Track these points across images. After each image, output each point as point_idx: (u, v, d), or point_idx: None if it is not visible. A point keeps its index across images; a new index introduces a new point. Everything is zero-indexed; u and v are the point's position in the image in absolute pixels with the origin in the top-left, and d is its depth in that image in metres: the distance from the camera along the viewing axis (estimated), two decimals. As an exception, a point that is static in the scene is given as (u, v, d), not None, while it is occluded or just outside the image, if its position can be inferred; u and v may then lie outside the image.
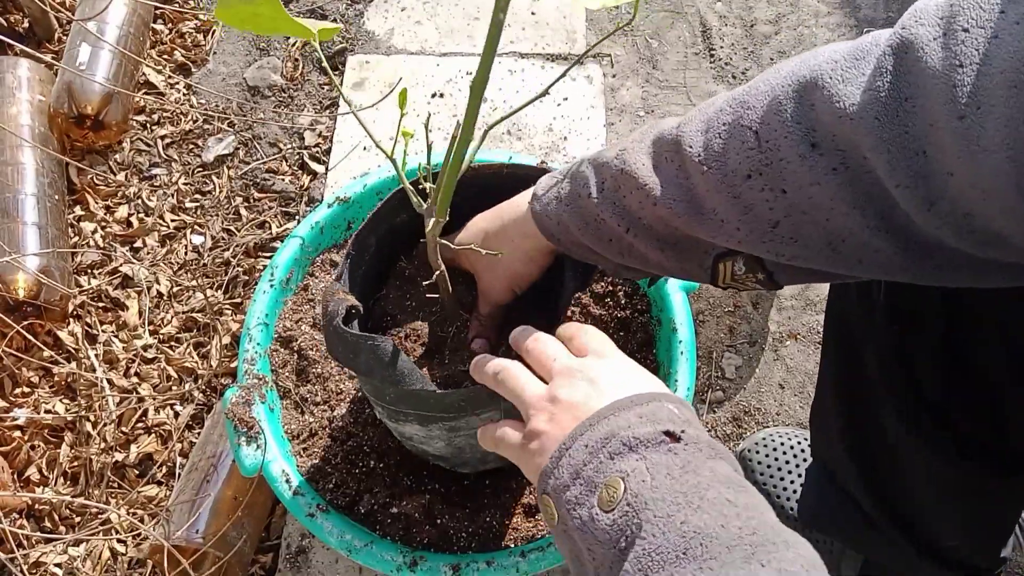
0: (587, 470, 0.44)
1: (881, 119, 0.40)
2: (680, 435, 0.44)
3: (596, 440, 0.45)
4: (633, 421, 0.45)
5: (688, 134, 0.49)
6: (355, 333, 0.55)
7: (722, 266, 0.51)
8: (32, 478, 0.99)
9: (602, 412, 0.46)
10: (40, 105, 1.17)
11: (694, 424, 0.47)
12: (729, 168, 0.46)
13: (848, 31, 1.37)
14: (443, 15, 1.39)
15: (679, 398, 0.49)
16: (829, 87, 0.42)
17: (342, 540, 0.70)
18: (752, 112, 0.46)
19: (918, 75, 0.39)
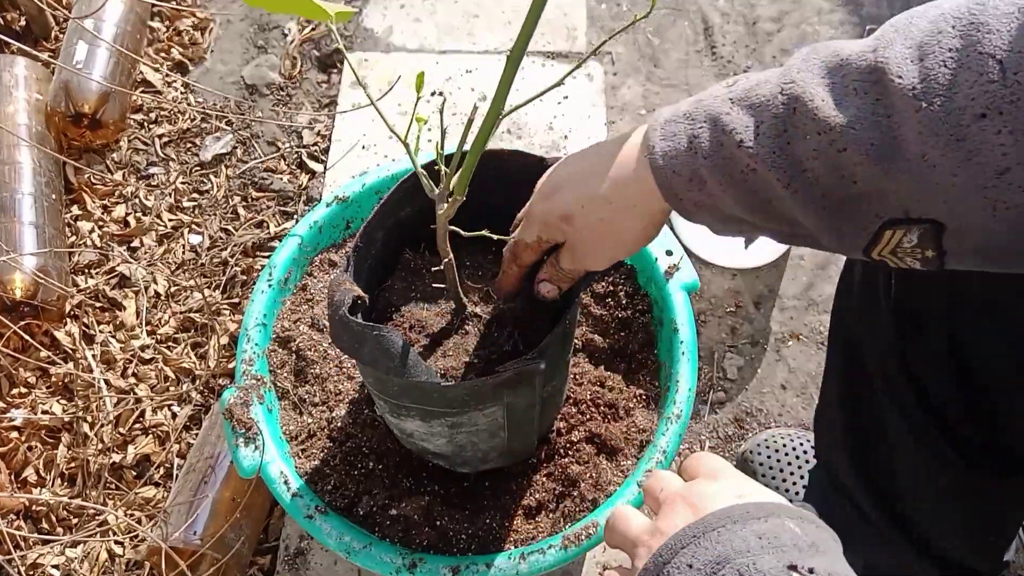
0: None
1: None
2: (811, 570, 0.36)
3: (705, 562, 0.37)
4: (752, 543, 0.37)
5: (894, 60, 0.39)
6: (361, 323, 0.54)
7: (888, 234, 0.42)
8: (29, 479, 0.99)
9: (710, 521, 0.38)
10: (37, 104, 1.17)
11: (822, 547, 0.38)
12: (956, 104, 0.38)
13: (851, 28, 1.37)
14: (442, 13, 1.38)
15: (799, 510, 0.40)
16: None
17: (341, 542, 0.69)
18: (994, 37, 0.37)
19: None
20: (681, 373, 0.76)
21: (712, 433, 1.02)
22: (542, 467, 0.75)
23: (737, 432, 1.03)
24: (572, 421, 0.77)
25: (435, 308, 0.67)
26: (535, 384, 0.60)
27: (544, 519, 0.72)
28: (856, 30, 1.36)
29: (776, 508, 0.39)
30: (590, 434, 0.76)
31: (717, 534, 0.37)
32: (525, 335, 0.64)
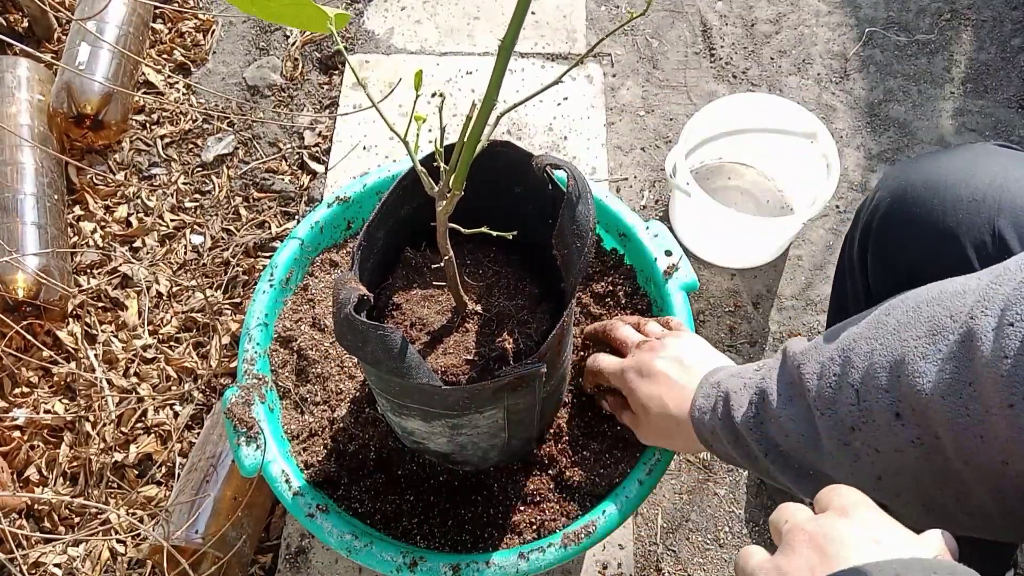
0: None
1: (947, 399, 0.42)
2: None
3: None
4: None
5: (807, 376, 0.51)
6: (365, 322, 0.54)
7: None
8: (31, 478, 0.99)
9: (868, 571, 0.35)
10: (39, 104, 1.17)
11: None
12: (838, 417, 0.48)
13: (849, 30, 1.37)
14: (443, 15, 1.38)
15: (948, 566, 0.35)
16: (910, 362, 0.45)
17: (342, 540, 0.69)
18: (855, 372, 0.48)
19: (976, 363, 0.42)
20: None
21: (711, 433, 1.03)
22: (542, 465, 0.76)
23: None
24: (572, 419, 0.77)
25: (436, 306, 0.67)
26: (535, 386, 0.61)
27: (544, 517, 0.73)
28: (854, 32, 1.37)
29: (916, 565, 0.35)
30: (591, 432, 0.77)
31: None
32: (525, 333, 0.65)
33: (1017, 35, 1.36)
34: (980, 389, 0.42)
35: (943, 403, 0.43)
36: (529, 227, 0.64)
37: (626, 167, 1.24)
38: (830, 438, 0.49)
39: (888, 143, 1.26)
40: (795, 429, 0.51)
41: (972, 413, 0.42)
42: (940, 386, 0.43)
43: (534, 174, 0.63)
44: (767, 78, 1.33)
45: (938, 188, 0.59)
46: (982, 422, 0.42)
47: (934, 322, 0.45)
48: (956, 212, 0.57)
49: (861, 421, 0.47)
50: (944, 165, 0.61)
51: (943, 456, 0.44)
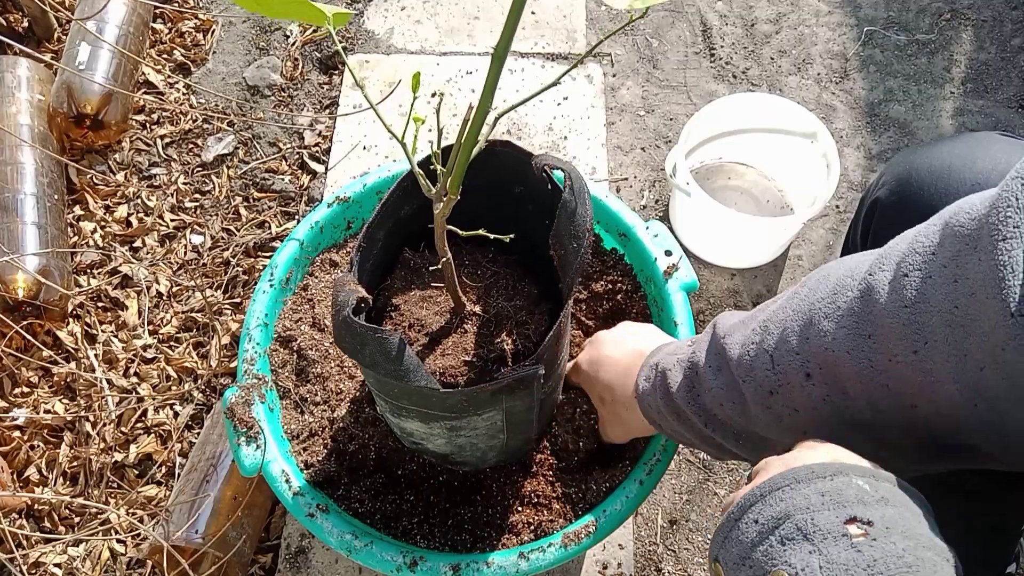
0: (756, 554, 0.39)
1: (852, 353, 0.45)
2: (868, 523, 0.37)
3: (768, 518, 0.40)
4: (813, 500, 0.39)
5: (730, 346, 0.53)
6: (364, 324, 0.54)
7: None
8: (32, 478, 0.99)
9: (776, 480, 0.41)
10: (39, 104, 1.17)
11: (893, 500, 0.40)
12: (757, 383, 0.51)
13: (849, 30, 1.37)
14: (443, 15, 1.38)
15: (875, 471, 0.42)
16: (816, 322, 0.47)
17: (342, 540, 0.69)
18: (770, 338, 0.51)
19: (877, 315, 0.44)
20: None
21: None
22: (541, 465, 0.76)
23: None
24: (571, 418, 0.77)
25: (434, 307, 0.67)
26: (533, 388, 0.61)
27: (544, 517, 0.73)
28: (854, 32, 1.37)
29: (847, 468, 0.41)
30: (590, 432, 0.76)
31: (782, 492, 0.40)
32: (523, 334, 0.65)
33: (1017, 35, 1.36)
34: (881, 340, 0.44)
35: (848, 358, 0.45)
36: (528, 227, 0.64)
37: (626, 167, 1.24)
38: (755, 403, 0.51)
39: (888, 143, 1.26)
40: (726, 397, 0.54)
41: (875, 364, 0.44)
42: (843, 342, 0.45)
43: (534, 174, 0.63)
44: (767, 78, 1.33)
45: (941, 173, 0.60)
46: (886, 371, 0.44)
47: (838, 283, 0.47)
48: (959, 196, 0.57)
49: (777, 384, 0.50)
50: (948, 151, 0.61)
51: (854, 408, 0.47)
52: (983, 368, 0.40)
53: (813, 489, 0.40)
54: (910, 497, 0.41)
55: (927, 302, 0.42)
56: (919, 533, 0.38)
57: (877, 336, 0.44)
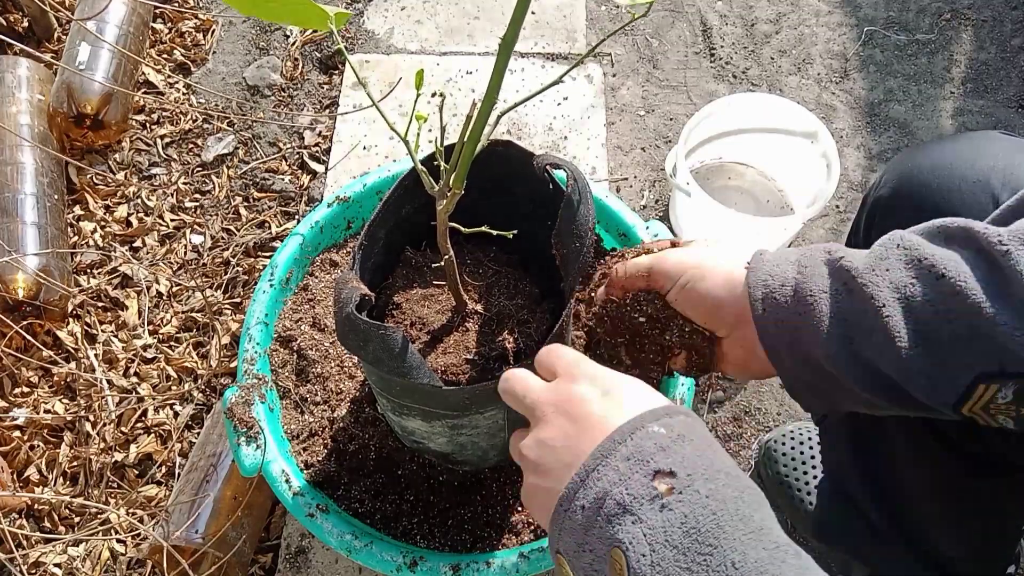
0: (590, 537, 0.40)
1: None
2: (671, 473, 0.39)
3: (591, 500, 0.41)
4: (622, 469, 0.40)
5: (975, 222, 0.46)
6: (367, 321, 0.54)
7: (982, 388, 0.43)
8: (32, 478, 0.99)
9: (588, 463, 0.42)
10: (40, 104, 1.17)
11: (689, 435, 0.41)
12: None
13: (849, 30, 1.37)
14: (443, 14, 1.38)
15: (664, 407, 0.43)
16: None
17: (342, 540, 0.69)
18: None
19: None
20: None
21: (711, 432, 1.03)
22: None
23: (735, 431, 1.03)
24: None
25: (436, 305, 0.67)
26: None
27: (544, 517, 0.73)
28: (854, 32, 1.37)
29: (639, 420, 0.42)
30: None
31: (596, 472, 0.41)
32: (525, 332, 0.65)
33: (1017, 35, 1.36)
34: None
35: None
36: (529, 227, 0.64)
37: (626, 167, 1.24)
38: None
39: (888, 143, 1.26)
40: (959, 270, 0.44)
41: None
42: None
43: (535, 174, 0.63)
44: (767, 78, 1.33)
45: (943, 172, 0.60)
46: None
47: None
48: (960, 193, 0.58)
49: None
50: (949, 150, 0.61)
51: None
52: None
53: (619, 457, 0.41)
54: (700, 423, 0.43)
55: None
56: (717, 467, 0.40)
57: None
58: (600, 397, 0.45)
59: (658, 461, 0.40)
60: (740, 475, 0.41)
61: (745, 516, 0.38)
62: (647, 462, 0.40)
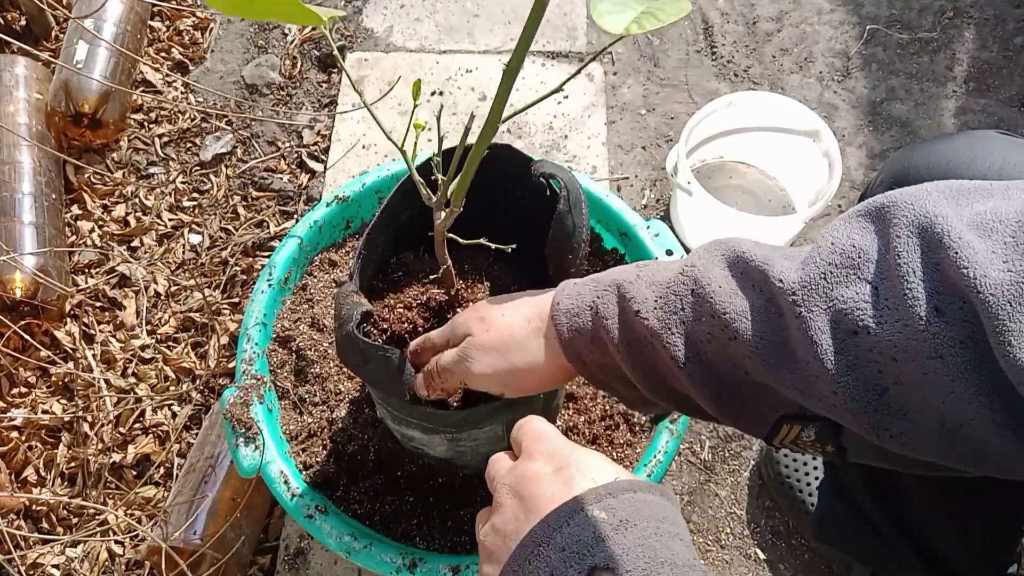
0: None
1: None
2: (609, 569, 0.35)
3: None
4: (555, 563, 0.36)
5: (777, 265, 0.40)
6: (367, 341, 0.54)
7: (786, 427, 0.42)
8: (29, 479, 0.99)
9: (520, 553, 0.38)
10: (37, 103, 1.17)
11: (633, 519, 0.37)
12: (833, 318, 0.38)
13: (851, 28, 1.37)
14: (442, 12, 1.38)
15: (608, 484, 0.39)
16: (956, 247, 0.35)
17: (341, 541, 0.69)
18: (870, 266, 0.38)
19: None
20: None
21: (712, 433, 1.02)
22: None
23: (736, 431, 1.02)
24: (573, 420, 0.77)
25: (433, 314, 0.67)
26: (533, 401, 0.60)
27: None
28: (856, 30, 1.36)
29: (578, 502, 0.38)
30: (590, 435, 0.76)
31: (530, 564, 0.37)
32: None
33: (1020, 33, 1.35)
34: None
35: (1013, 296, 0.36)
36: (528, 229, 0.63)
37: (627, 166, 1.23)
38: (814, 343, 0.39)
39: (890, 142, 1.25)
40: (750, 330, 0.41)
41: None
42: (1007, 283, 0.35)
43: (533, 178, 0.63)
44: (769, 76, 1.32)
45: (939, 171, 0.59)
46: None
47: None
48: None
49: (874, 321, 0.38)
50: (946, 149, 0.61)
51: (1007, 359, 0.37)
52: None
53: (554, 548, 0.37)
54: (654, 499, 0.39)
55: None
56: (662, 561, 0.36)
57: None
58: (552, 475, 0.41)
59: (595, 555, 0.36)
60: (687, 564, 0.37)
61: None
62: (583, 556, 0.36)
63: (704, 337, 0.42)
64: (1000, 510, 0.67)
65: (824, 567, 0.93)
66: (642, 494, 0.39)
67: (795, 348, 0.39)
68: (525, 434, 0.46)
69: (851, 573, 0.88)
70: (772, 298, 0.40)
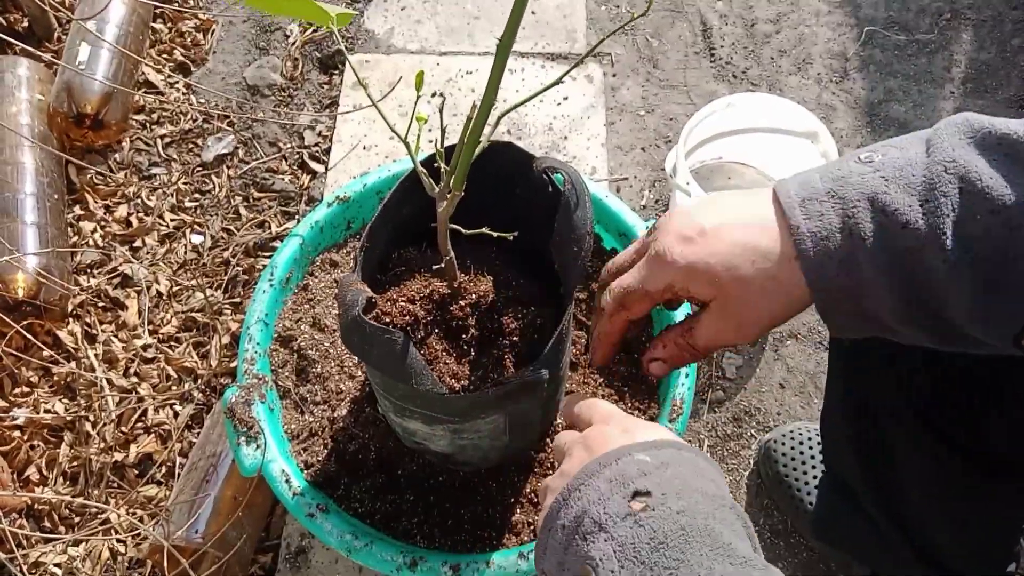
0: (568, 558, 0.40)
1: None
2: (648, 493, 0.40)
3: (571, 520, 0.41)
4: (603, 490, 0.41)
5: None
6: (373, 325, 0.54)
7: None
8: (32, 478, 0.99)
9: (573, 483, 0.42)
10: (40, 104, 1.17)
11: (673, 461, 0.41)
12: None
13: (849, 30, 1.37)
14: (443, 14, 1.38)
15: (655, 440, 0.44)
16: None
17: (342, 540, 0.69)
18: None
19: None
20: (680, 371, 0.77)
21: (711, 432, 1.03)
22: (542, 464, 0.76)
23: (735, 431, 1.03)
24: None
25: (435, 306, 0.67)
26: (537, 392, 0.61)
27: (544, 517, 0.73)
28: (854, 32, 1.37)
29: (627, 448, 0.43)
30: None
31: (579, 492, 0.42)
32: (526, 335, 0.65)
33: (1017, 35, 1.36)
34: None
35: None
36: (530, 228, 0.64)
37: (626, 167, 1.24)
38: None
39: (888, 143, 1.26)
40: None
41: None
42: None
43: (535, 175, 0.63)
44: (767, 78, 1.33)
45: None
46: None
47: None
48: None
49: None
50: None
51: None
52: None
53: (602, 479, 0.41)
54: (695, 456, 0.44)
55: None
56: (694, 487, 0.40)
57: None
58: (619, 434, 0.46)
59: (637, 483, 0.40)
60: (719, 496, 0.40)
61: (714, 532, 0.38)
62: (627, 484, 0.40)
63: (979, 234, 0.40)
64: (997, 507, 0.67)
65: (823, 566, 0.93)
66: (685, 452, 0.43)
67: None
68: (595, 412, 0.51)
69: (851, 572, 0.89)
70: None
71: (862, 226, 0.42)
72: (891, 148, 0.44)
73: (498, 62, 0.45)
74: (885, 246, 0.42)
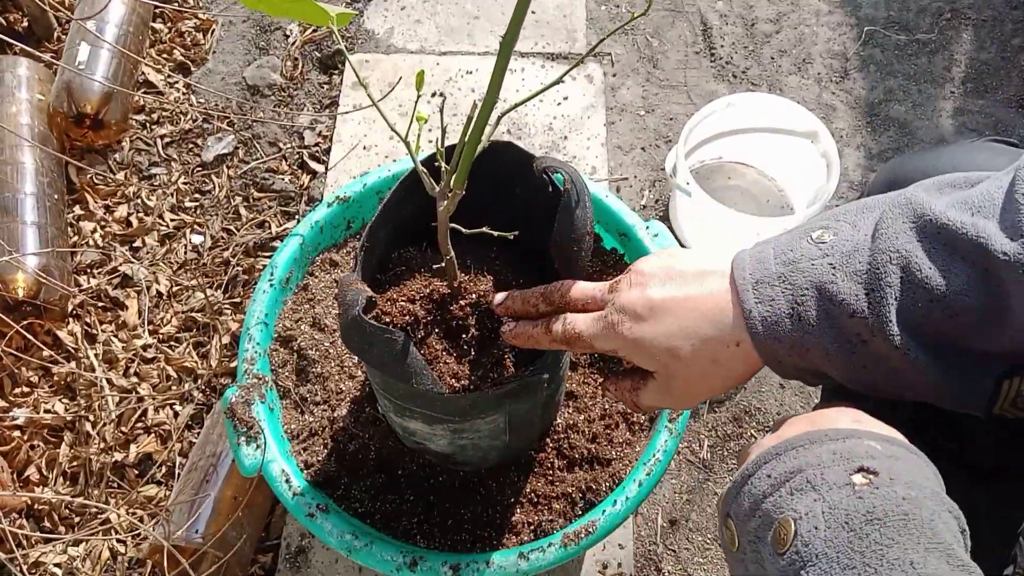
0: (766, 504, 0.40)
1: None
2: (874, 471, 0.38)
3: (781, 473, 0.41)
4: (825, 458, 0.40)
5: (988, 233, 0.41)
6: (373, 324, 0.54)
7: (1007, 385, 0.43)
8: (32, 478, 0.99)
9: (792, 441, 0.41)
10: (39, 104, 1.17)
11: (903, 458, 0.40)
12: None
13: (849, 30, 1.37)
14: (443, 14, 1.38)
15: (887, 434, 0.42)
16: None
17: (342, 540, 0.69)
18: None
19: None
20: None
21: (711, 431, 1.03)
22: (542, 464, 0.76)
23: (735, 431, 1.03)
24: (572, 418, 0.77)
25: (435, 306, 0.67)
26: (537, 392, 0.61)
27: (544, 516, 0.73)
28: (854, 31, 1.37)
29: (858, 431, 0.41)
30: (590, 433, 0.76)
31: (796, 451, 0.41)
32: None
33: (1017, 35, 1.36)
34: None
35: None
36: (530, 227, 0.64)
37: (626, 167, 1.24)
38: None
39: (888, 143, 1.26)
40: (969, 303, 0.41)
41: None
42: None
43: (535, 175, 0.63)
44: (767, 78, 1.33)
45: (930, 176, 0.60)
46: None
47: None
48: None
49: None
50: (936, 159, 0.62)
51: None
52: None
53: (826, 449, 0.40)
54: (926, 464, 0.42)
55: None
56: (923, 485, 0.38)
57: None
58: (850, 420, 0.43)
59: (864, 462, 0.39)
60: (947, 503, 0.39)
61: (937, 530, 0.36)
62: (853, 460, 0.39)
63: (920, 320, 0.42)
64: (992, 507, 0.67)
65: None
66: (916, 455, 0.42)
67: (1015, 309, 0.40)
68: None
69: None
70: (988, 270, 0.41)
71: (809, 315, 0.45)
72: (844, 225, 0.46)
73: (501, 60, 0.45)
74: (836, 335, 0.44)
